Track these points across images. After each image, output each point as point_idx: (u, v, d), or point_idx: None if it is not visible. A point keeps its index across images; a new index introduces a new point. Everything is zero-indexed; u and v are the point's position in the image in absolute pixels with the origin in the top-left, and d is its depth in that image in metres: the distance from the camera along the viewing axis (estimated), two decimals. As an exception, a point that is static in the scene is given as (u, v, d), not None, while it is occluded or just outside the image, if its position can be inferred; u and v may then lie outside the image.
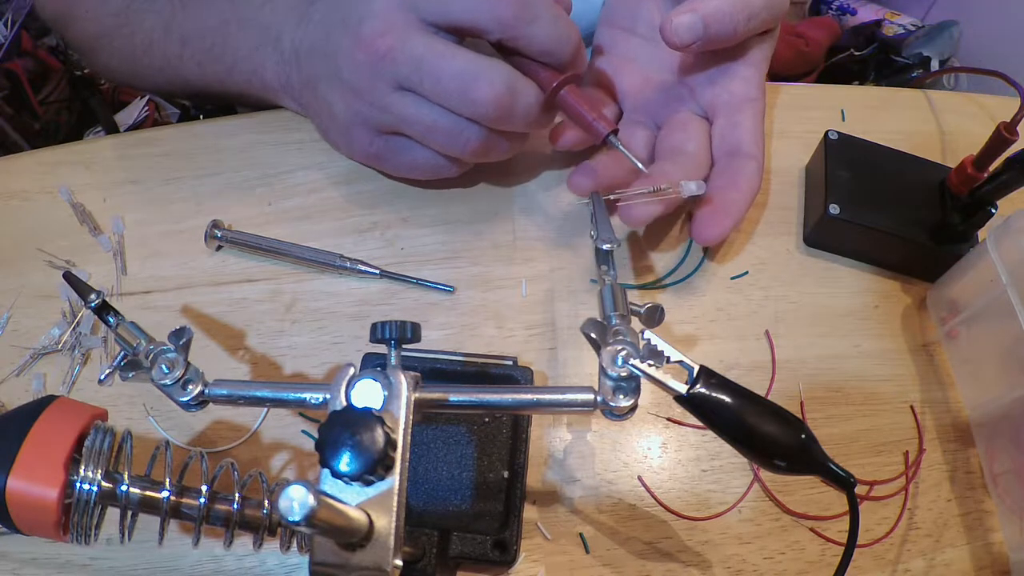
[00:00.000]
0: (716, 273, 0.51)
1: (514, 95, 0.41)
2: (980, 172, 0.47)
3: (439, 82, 0.40)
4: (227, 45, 0.51)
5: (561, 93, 0.43)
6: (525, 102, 0.42)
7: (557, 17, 0.42)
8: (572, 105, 0.44)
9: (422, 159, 0.46)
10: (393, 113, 0.43)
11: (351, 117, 0.45)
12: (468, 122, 0.42)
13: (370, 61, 0.41)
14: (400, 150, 0.46)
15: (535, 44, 0.42)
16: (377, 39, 0.41)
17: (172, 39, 0.52)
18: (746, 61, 0.49)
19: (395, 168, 0.49)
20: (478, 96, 0.40)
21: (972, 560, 0.43)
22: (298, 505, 0.23)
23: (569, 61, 0.43)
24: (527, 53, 0.43)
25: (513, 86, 0.41)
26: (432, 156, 0.46)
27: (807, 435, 0.33)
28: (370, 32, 0.41)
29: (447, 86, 0.40)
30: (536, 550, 0.42)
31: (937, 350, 0.50)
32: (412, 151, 0.46)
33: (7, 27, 1.17)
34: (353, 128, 0.46)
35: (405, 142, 0.46)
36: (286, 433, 0.45)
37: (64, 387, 0.45)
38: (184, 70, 0.53)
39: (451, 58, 0.40)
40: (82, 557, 0.41)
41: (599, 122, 0.44)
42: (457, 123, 0.42)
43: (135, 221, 0.51)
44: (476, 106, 0.41)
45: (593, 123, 0.44)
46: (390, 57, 0.41)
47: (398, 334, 0.33)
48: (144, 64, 0.55)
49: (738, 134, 0.47)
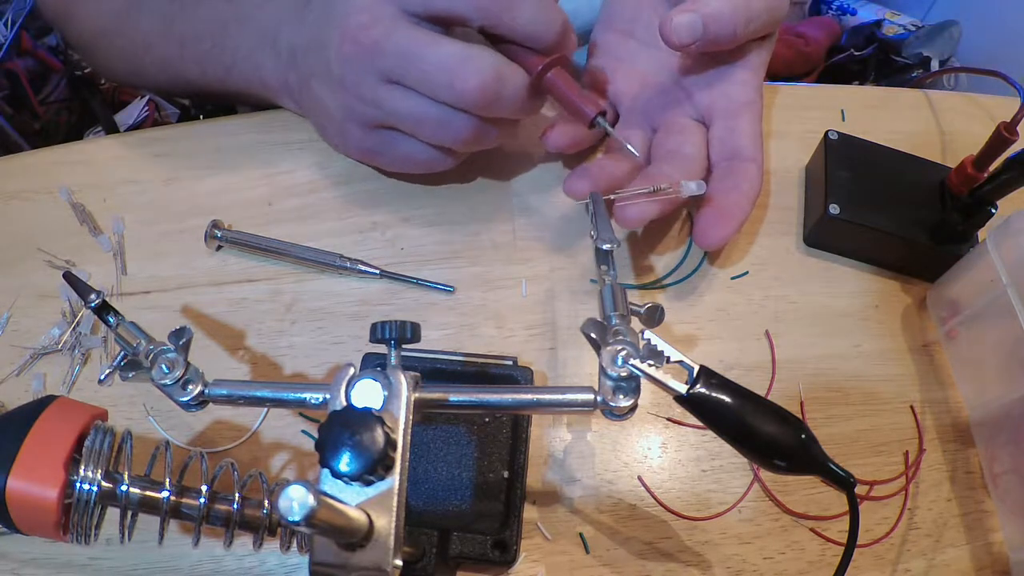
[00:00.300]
0: (716, 273, 0.51)
1: (501, 81, 0.41)
2: (980, 172, 0.47)
3: (425, 73, 0.40)
4: (226, 46, 0.51)
5: (548, 76, 0.43)
6: (512, 88, 0.41)
7: (540, 0, 0.42)
8: (559, 87, 0.43)
9: (415, 152, 0.46)
10: (383, 106, 0.43)
11: (343, 113, 0.45)
12: (457, 111, 0.42)
13: (356, 55, 0.41)
14: (393, 144, 0.46)
15: (519, 29, 0.42)
16: (362, 32, 0.41)
17: (172, 39, 0.53)
18: (744, 65, 0.49)
19: (389, 163, 0.49)
20: (464, 85, 0.40)
21: (972, 560, 0.43)
22: (298, 505, 0.23)
23: (555, 44, 0.43)
24: (511, 38, 0.42)
25: (499, 72, 0.41)
26: (424, 148, 0.46)
27: (807, 435, 0.33)
28: (355, 26, 0.41)
29: (433, 77, 0.40)
30: (536, 550, 0.42)
31: (937, 350, 0.50)
32: (404, 144, 0.46)
33: (7, 27, 1.17)
34: (346, 124, 0.46)
35: (397, 136, 0.46)
36: (286, 433, 0.45)
37: (64, 387, 0.45)
38: (184, 70, 0.53)
39: (436, 48, 0.40)
40: (82, 557, 0.41)
41: (586, 105, 0.43)
42: (446, 113, 0.42)
43: (135, 221, 0.51)
44: (463, 95, 0.40)
45: (580, 106, 0.43)
46: (376, 50, 0.41)
47: (398, 334, 0.33)
48: (145, 63, 0.55)
49: (737, 138, 0.47)
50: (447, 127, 0.43)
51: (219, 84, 0.53)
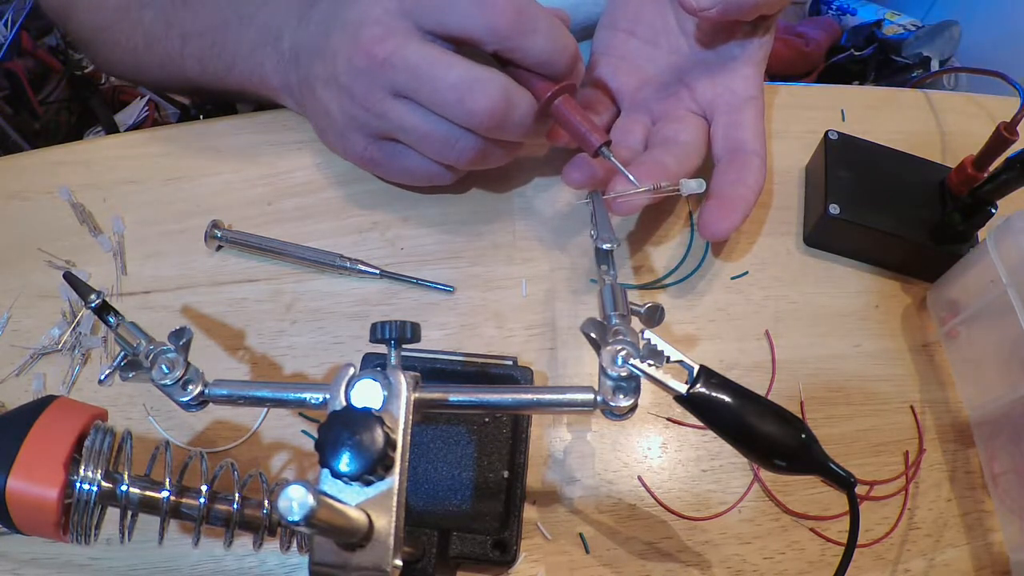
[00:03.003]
0: (716, 273, 0.51)
1: (510, 105, 0.41)
2: (980, 172, 0.47)
3: (436, 91, 0.40)
4: (227, 43, 0.51)
5: (555, 103, 0.43)
6: (520, 112, 0.42)
7: (553, 28, 0.42)
8: (566, 116, 0.44)
9: (416, 166, 0.46)
10: (389, 120, 0.43)
11: (347, 121, 0.45)
12: (463, 131, 0.42)
13: (368, 67, 0.41)
14: (395, 156, 0.46)
15: (531, 55, 0.42)
16: (375, 45, 0.41)
17: (172, 36, 0.52)
18: (746, 60, 0.49)
19: (389, 173, 0.49)
20: (474, 106, 0.40)
21: (972, 560, 0.43)
22: (298, 505, 0.23)
23: (565, 72, 0.43)
24: (523, 64, 0.42)
25: (509, 96, 0.41)
26: (427, 163, 0.46)
27: (807, 435, 0.33)
28: (368, 38, 0.41)
29: (443, 95, 0.40)
30: (536, 550, 0.42)
31: (937, 350, 0.50)
32: (407, 157, 0.46)
33: (7, 27, 1.17)
34: (348, 132, 0.46)
35: (400, 148, 0.46)
36: (286, 433, 0.45)
37: (64, 387, 0.45)
38: (185, 66, 0.53)
39: (448, 67, 0.40)
40: (82, 557, 0.41)
41: (592, 134, 0.43)
42: (452, 131, 0.42)
43: (135, 221, 0.51)
44: (472, 115, 0.41)
45: (586, 135, 0.44)
46: (388, 64, 0.41)
47: (398, 334, 0.33)
48: (145, 60, 0.55)
49: (741, 132, 0.48)
50: (453, 145, 0.43)
51: (219, 82, 0.53)
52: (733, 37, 0.49)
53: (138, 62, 0.56)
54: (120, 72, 0.61)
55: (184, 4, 0.52)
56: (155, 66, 0.55)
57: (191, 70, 0.53)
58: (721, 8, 0.44)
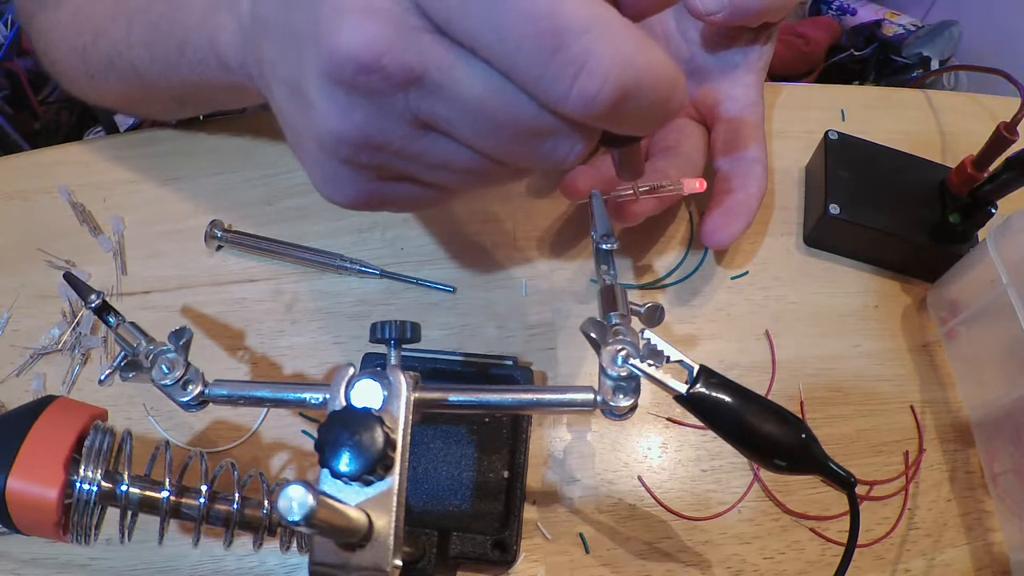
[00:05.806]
0: (716, 273, 0.51)
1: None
2: (980, 172, 0.47)
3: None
4: (176, 16, 0.42)
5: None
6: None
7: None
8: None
9: (419, 195, 0.37)
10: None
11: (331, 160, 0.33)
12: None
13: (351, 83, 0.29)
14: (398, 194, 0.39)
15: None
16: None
17: (119, 22, 0.46)
18: (748, 68, 0.49)
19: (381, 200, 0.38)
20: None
21: (972, 560, 0.43)
22: (297, 505, 0.23)
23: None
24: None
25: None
26: (428, 192, 0.37)
27: (807, 435, 0.33)
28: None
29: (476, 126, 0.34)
30: (536, 550, 0.42)
31: (937, 350, 0.50)
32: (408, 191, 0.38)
33: (7, 27, 1.17)
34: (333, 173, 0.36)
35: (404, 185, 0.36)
36: (286, 433, 0.45)
37: (64, 387, 0.45)
38: (133, 58, 0.45)
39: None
40: (82, 557, 0.41)
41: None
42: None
43: (135, 221, 0.51)
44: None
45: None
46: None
47: (398, 334, 0.33)
48: (93, 60, 0.48)
49: (742, 139, 0.48)
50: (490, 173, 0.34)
51: (171, 71, 0.44)
52: (735, 44, 0.49)
53: (87, 63, 0.48)
54: (69, 80, 0.52)
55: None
56: (103, 64, 0.47)
57: (139, 61, 0.45)
58: (727, 13, 0.44)
